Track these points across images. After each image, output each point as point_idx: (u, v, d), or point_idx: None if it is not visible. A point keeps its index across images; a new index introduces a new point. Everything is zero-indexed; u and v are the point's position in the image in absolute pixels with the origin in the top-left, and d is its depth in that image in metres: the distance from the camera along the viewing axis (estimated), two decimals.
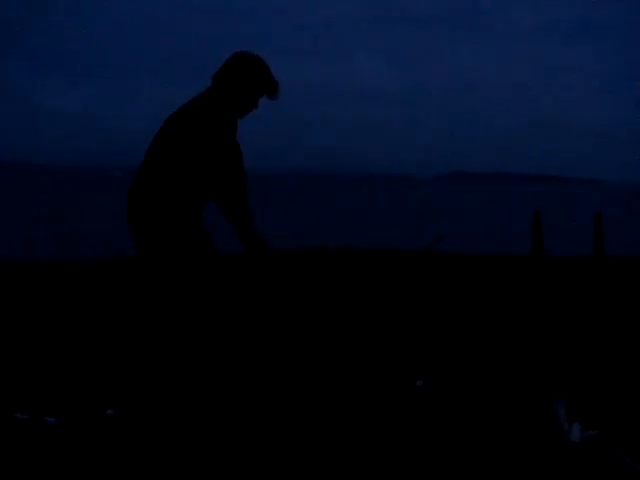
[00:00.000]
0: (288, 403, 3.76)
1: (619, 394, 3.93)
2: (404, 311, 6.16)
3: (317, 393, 3.93)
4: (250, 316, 5.44)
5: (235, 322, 3.62)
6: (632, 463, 2.92)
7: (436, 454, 3.13)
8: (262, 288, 6.50)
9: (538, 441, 3.24)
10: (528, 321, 5.84)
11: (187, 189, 3.45)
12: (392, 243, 14.82)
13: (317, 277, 8.14)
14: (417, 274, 8.58)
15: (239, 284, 6.26)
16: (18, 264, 9.48)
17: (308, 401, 3.79)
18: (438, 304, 6.54)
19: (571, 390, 3.91)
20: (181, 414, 3.41)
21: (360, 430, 3.39)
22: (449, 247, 11.19)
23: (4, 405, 3.61)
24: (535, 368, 4.43)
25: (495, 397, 3.88)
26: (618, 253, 12.01)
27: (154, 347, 3.54)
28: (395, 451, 3.17)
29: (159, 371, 3.49)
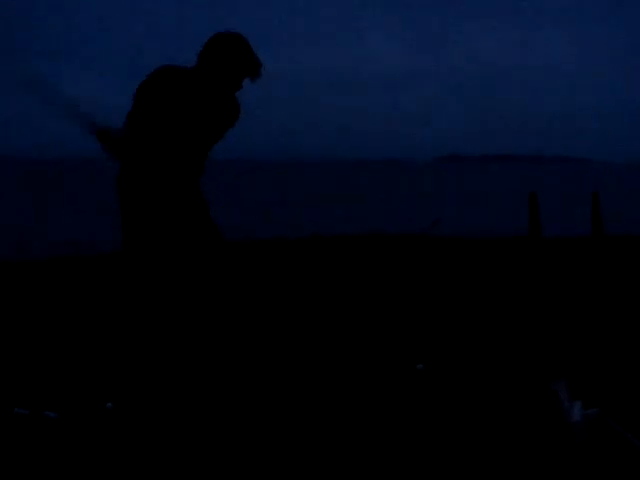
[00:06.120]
0: (287, 391, 3.75)
1: (619, 373, 3.93)
2: (403, 295, 6.15)
3: (317, 379, 3.92)
4: (248, 303, 5.42)
5: (232, 311, 3.61)
6: (633, 440, 2.92)
7: (437, 437, 3.13)
8: (259, 276, 6.49)
9: (539, 421, 3.24)
10: (528, 302, 5.84)
11: (177, 157, 3.37)
12: (389, 227, 14.82)
13: (313, 263, 8.14)
14: (415, 258, 8.57)
15: (238, 273, 6.24)
16: (16, 260, 9.46)
17: (307, 388, 3.79)
18: (437, 287, 6.53)
19: (571, 369, 3.91)
20: (180, 406, 3.41)
21: (361, 415, 3.38)
22: (447, 230, 11.19)
23: (4, 400, 3.61)
24: (535, 349, 4.43)
25: (495, 379, 3.88)
26: (616, 232, 12.00)
27: (152, 339, 3.53)
28: (396, 435, 3.16)
29: (158, 364, 3.49)
